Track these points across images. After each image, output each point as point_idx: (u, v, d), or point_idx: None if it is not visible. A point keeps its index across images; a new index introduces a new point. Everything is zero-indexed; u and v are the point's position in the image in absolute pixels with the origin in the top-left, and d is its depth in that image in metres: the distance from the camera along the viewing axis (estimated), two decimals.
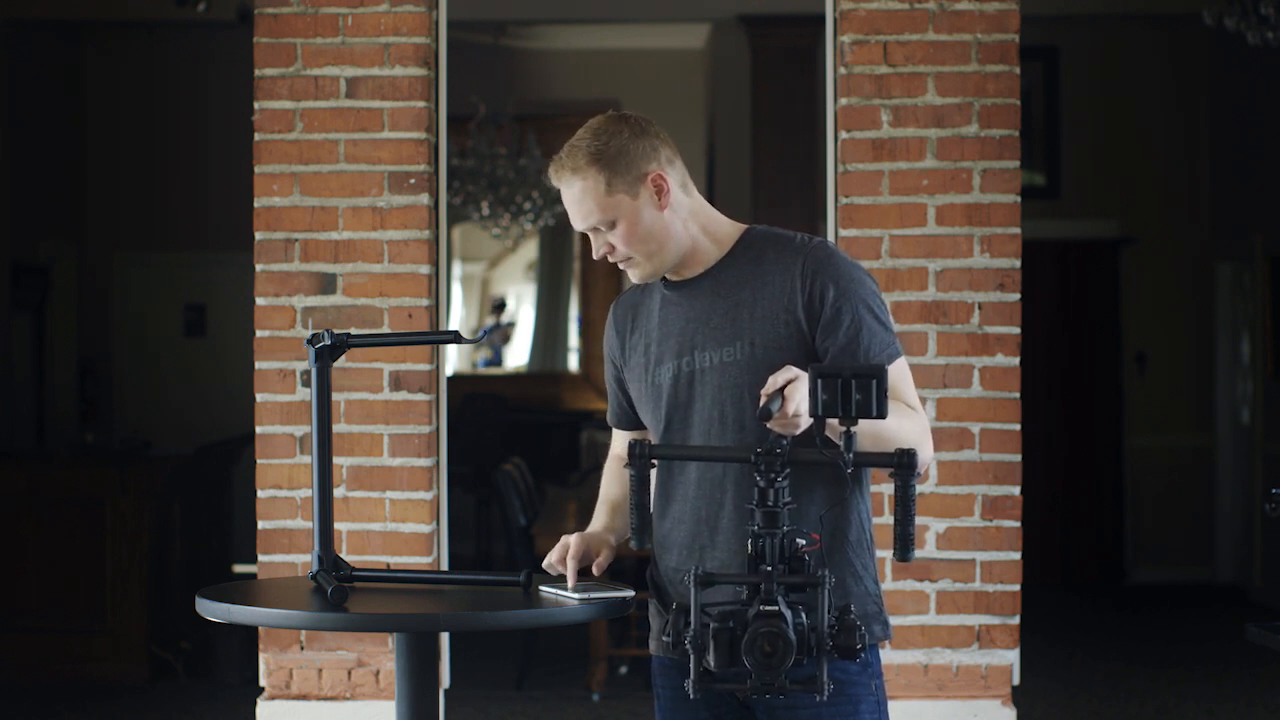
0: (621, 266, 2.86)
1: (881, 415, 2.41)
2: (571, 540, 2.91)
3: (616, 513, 2.99)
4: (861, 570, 2.79)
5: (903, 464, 2.45)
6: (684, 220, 2.83)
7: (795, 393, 2.54)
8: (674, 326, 2.85)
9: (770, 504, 2.46)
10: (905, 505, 2.46)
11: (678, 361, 2.83)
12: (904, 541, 2.46)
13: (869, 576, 2.81)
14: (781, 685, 2.40)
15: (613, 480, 3.06)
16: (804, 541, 2.49)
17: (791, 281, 2.76)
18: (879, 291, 2.81)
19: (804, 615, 2.43)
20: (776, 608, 2.41)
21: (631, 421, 3.00)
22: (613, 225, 2.79)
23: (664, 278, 2.89)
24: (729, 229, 2.88)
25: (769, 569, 2.43)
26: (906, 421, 2.70)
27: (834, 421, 2.48)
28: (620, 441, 3.08)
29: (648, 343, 2.89)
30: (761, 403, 2.54)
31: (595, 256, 2.85)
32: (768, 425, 2.54)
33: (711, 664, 2.43)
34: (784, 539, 2.46)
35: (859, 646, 2.44)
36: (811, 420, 2.52)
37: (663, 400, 2.84)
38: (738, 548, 2.75)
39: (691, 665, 2.44)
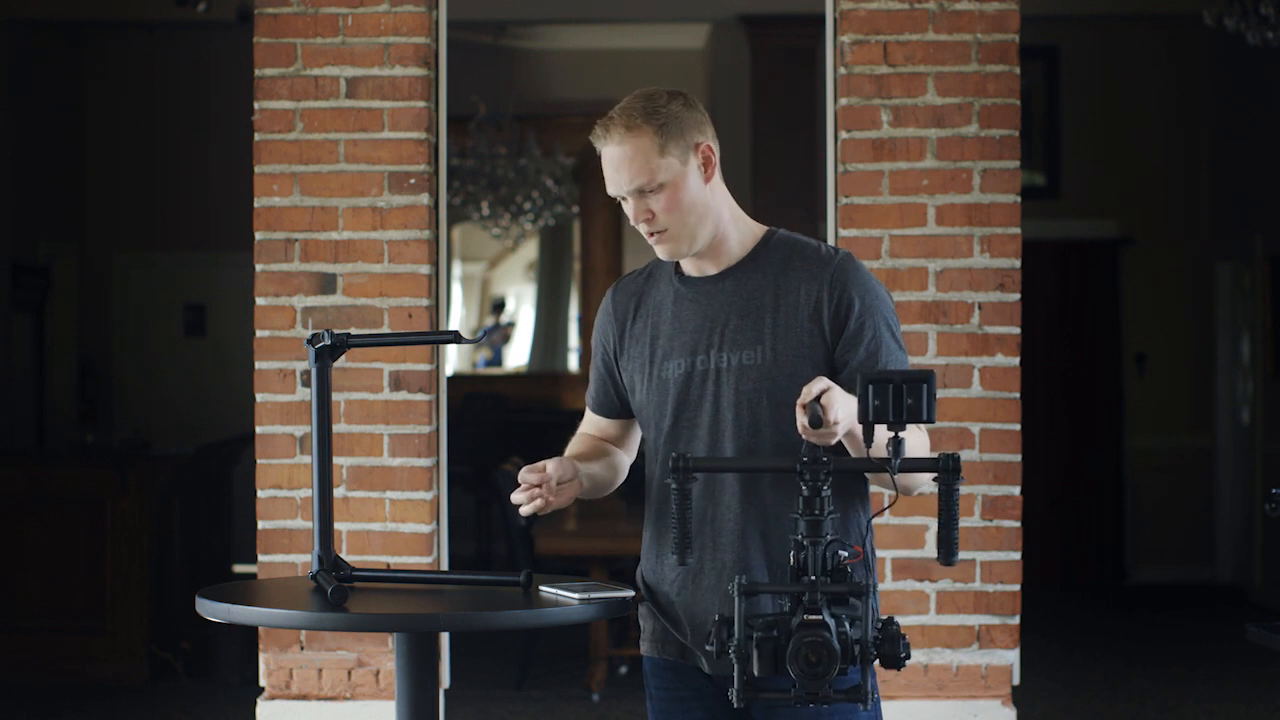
0: (652, 240, 2.81)
1: (930, 420, 2.41)
2: (549, 465, 2.79)
3: (581, 461, 2.89)
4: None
5: (947, 468, 2.44)
6: (720, 203, 2.82)
7: (833, 403, 2.51)
8: (688, 322, 2.82)
9: (816, 512, 2.45)
10: (949, 509, 2.45)
11: (691, 359, 2.80)
12: (948, 546, 2.45)
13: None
14: (827, 695, 2.39)
15: (579, 444, 2.98)
16: (846, 554, 2.48)
17: (818, 291, 2.76)
18: (894, 310, 2.82)
19: (847, 625, 2.42)
20: (820, 617, 2.40)
21: (613, 409, 2.97)
22: (658, 190, 2.76)
23: (679, 272, 2.87)
24: (754, 227, 2.87)
25: (812, 579, 2.43)
26: (913, 439, 2.70)
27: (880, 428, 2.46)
28: (591, 425, 3.02)
29: (654, 335, 2.86)
30: (799, 414, 2.52)
31: (634, 222, 2.80)
32: (803, 435, 2.52)
33: (756, 672, 2.42)
34: (826, 548, 2.45)
35: (903, 656, 2.43)
36: (833, 432, 2.52)
37: (670, 396, 2.82)
38: (740, 549, 2.75)
39: (735, 674, 2.42)
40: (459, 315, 11.95)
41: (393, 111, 4.66)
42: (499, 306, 12.28)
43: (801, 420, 2.51)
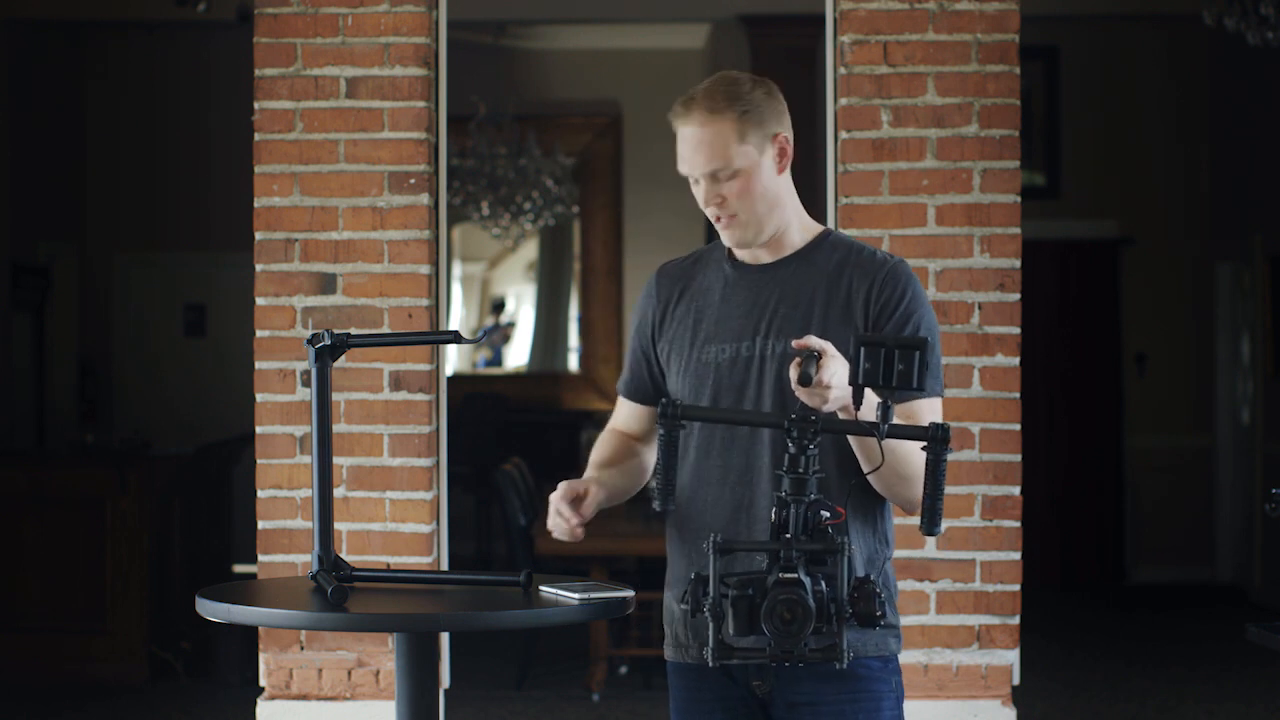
0: (719, 225, 2.80)
1: (921, 388, 2.41)
2: (559, 489, 2.76)
3: (603, 469, 2.88)
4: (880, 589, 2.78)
5: (936, 438, 2.44)
6: (788, 195, 2.84)
7: (828, 366, 2.52)
8: (738, 308, 2.82)
9: (800, 470, 2.45)
10: (935, 479, 2.45)
11: (737, 344, 2.80)
12: (931, 515, 2.45)
13: (888, 601, 2.78)
14: (801, 653, 2.39)
15: (605, 446, 2.95)
16: (828, 514, 2.48)
17: (869, 288, 2.77)
18: (936, 326, 2.83)
19: (823, 583, 2.42)
20: (796, 575, 2.40)
21: (646, 394, 2.93)
22: (733, 176, 2.76)
23: (731, 258, 2.87)
24: (811, 224, 2.88)
25: (789, 536, 2.43)
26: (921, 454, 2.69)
27: (871, 395, 2.47)
28: (621, 418, 2.98)
29: (698, 318, 2.85)
30: (792, 370, 2.51)
31: (704, 205, 2.78)
32: (796, 394, 2.52)
33: (730, 631, 2.42)
34: (809, 509, 2.46)
35: (879, 614, 2.43)
36: (824, 396, 2.52)
37: (709, 380, 2.80)
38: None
39: (710, 634, 2.43)
40: (459, 315, 11.94)
41: (393, 111, 4.66)
42: (499, 306, 12.27)
43: (793, 375, 2.52)
